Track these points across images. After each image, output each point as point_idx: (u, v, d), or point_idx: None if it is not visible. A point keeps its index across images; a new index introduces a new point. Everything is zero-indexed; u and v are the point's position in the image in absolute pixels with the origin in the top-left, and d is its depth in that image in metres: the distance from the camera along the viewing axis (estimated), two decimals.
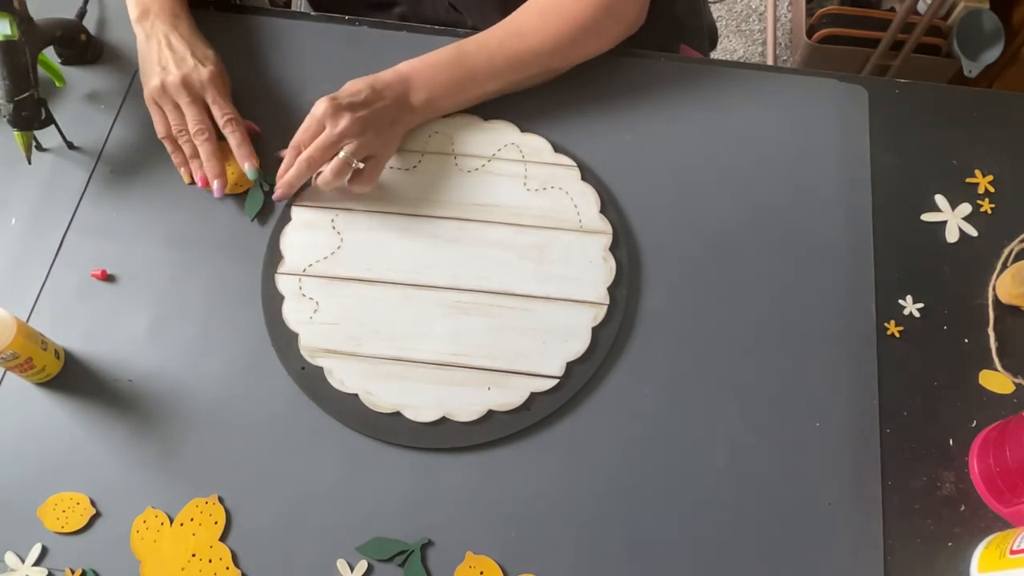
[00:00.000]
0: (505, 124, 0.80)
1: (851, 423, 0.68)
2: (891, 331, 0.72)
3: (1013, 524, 0.65)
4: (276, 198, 0.75)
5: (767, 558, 0.64)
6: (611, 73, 0.83)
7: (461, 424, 0.68)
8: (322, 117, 0.72)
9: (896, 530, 0.65)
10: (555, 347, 0.70)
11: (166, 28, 0.77)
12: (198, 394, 0.70)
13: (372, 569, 0.64)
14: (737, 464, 0.67)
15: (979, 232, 0.76)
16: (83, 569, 0.64)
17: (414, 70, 0.76)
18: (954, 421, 0.69)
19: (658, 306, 0.73)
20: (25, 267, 0.75)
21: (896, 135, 0.81)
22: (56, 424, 0.68)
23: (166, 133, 0.77)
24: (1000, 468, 0.64)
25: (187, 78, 0.75)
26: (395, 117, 0.75)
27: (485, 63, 0.76)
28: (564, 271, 0.73)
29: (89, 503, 0.66)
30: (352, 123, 0.71)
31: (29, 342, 0.65)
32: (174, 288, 0.74)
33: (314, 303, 0.72)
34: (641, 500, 0.66)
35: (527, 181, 0.77)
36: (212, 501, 0.66)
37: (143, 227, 0.76)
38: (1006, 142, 0.81)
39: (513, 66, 0.77)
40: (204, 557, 0.64)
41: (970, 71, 1.58)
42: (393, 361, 0.70)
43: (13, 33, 0.71)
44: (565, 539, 0.65)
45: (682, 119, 0.81)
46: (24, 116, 0.73)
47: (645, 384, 0.70)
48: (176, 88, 0.75)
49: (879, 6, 1.69)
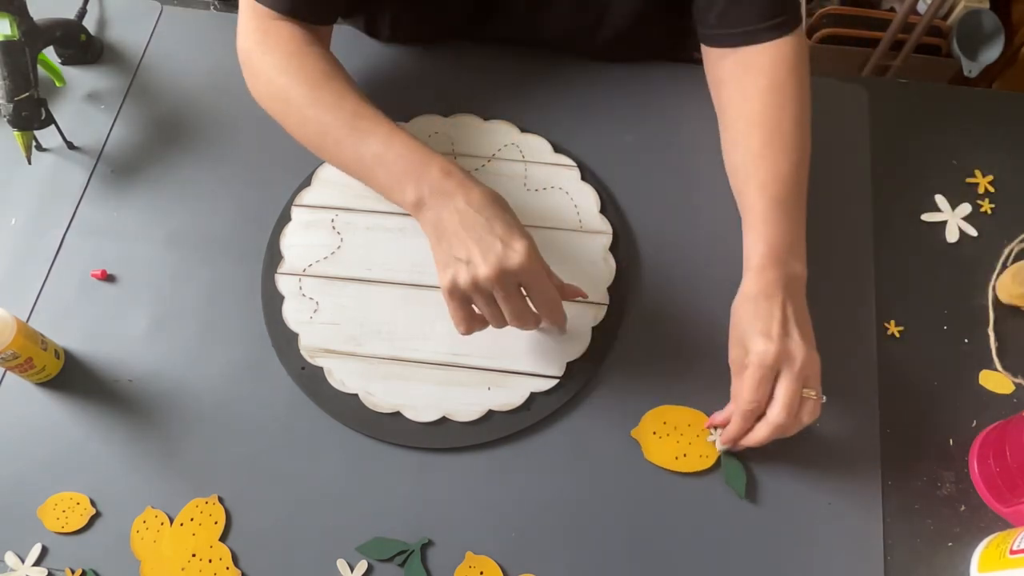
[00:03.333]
0: (505, 124, 0.80)
1: (851, 423, 0.68)
2: (891, 331, 0.72)
3: (1013, 524, 0.65)
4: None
5: (767, 558, 0.64)
6: (611, 74, 0.83)
7: (461, 424, 0.68)
8: (773, 364, 0.61)
9: (896, 530, 0.65)
10: (555, 347, 0.70)
11: None
12: (198, 394, 0.70)
13: (372, 569, 0.64)
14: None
15: (979, 232, 0.76)
16: (83, 569, 0.64)
17: (781, 263, 0.64)
18: (954, 421, 0.69)
19: (658, 306, 0.73)
20: (25, 267, 0.75)
21: (896, 135, 0.81)
22: (56, 424, 0.68)
23: None
24: (1000, 468, 0.64)
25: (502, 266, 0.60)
26: None
27: (797, 193, 0.68)
28: (564, 271, 0.73)
29: (89, 503, 0.66)
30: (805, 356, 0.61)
31: (29, 342, 0.65)
32: (174, 288, 0.74)
33: (314, 303, 0.72)
34: (641, 500, 0.66)
35: (527, 181, 0.77)
36: (212, 501, 0.66)
37: (143, 227, 0.76)
38: (1006, 142, 0.81)
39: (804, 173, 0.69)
40: (204, 557, 0.64)
41: (970, 71, 1.58)
42: (393, 361, 0.70)
43: (13, 33, 0.72)
44: (565, 539, 0.65)
45: (682, 120, 0.81)
46: (24, 116, 0.73)
47: (645, 384, 0.70)
48: (489, 281, 0.60)
49: (879, 6, 1.69)
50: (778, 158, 0.67)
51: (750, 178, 0.68)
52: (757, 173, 0.67)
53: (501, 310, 0.61)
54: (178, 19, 0.87)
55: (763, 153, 0.68)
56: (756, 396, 0.61)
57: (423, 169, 0.63)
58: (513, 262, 0.59)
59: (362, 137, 0.65)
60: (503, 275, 0.59)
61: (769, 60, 0.70)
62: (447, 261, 0.61)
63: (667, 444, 0.67)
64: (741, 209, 0.69)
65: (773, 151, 0.68)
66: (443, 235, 0.61)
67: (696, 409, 0.69)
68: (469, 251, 0.59)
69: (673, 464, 0.67)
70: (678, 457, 0.67)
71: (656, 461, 0.67)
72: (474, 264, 0.59)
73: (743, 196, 0.69)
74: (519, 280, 0.60)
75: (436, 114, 0.81)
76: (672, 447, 0.67)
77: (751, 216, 0.67)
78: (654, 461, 0.67)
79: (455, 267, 0.60)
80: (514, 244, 0.59)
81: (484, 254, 0.59)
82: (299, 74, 0.68)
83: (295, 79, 0.68)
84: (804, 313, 0.64)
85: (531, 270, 0.60)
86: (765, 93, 0.69)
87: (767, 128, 0.68)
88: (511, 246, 0.59)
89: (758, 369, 0.61)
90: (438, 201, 0.62)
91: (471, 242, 0.60)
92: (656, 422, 0.68)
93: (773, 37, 0.70)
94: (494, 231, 0.60)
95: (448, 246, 0.61)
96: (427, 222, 0.63)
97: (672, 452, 0.67)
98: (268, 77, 0.69)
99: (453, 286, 0.60)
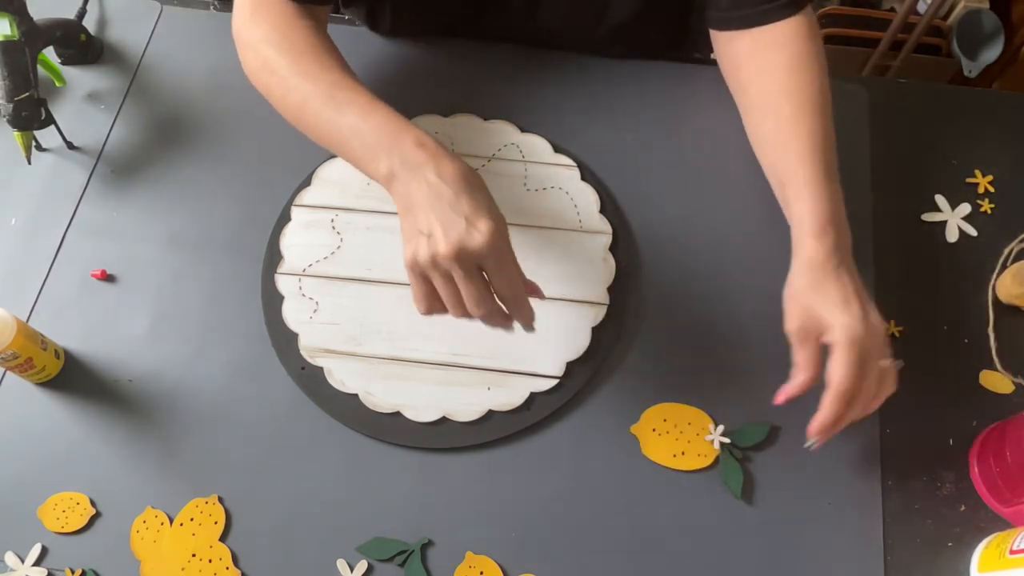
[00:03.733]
0: (505, 124, 0.80)
1: (851, 423, 0.68)
2: (891, 331, 0.72)
3: (1013, 524, 0.65)
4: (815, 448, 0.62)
5: (767, 558, 0.64)
6: (611, 73, 0.83)
7: (461, 424, 0.68)
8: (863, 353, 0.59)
9: (896, 530, 0.65)
10: (555, 347, 0.70)
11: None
12: (198, 394, 0.70)
13: (372, 569, 0.64)
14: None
15: (979, 232, 0.76)
16: (83, 569, 0.64)
17: (837, 228, 0.64)
18: (954, 421, 0.69)
19: (658, 306, 0.73)
20: (25, 267, 0.75)
21: (896, 135, 0.81)
22: (56, 424, 0.68)
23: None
24: (1000, 468, 0.64)
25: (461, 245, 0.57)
26: None
27: (834, 159, 0.67)
28: (564, 271, 0.73)
29: (89, 503, 0.66)
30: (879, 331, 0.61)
31: (29, 342, 0.65)
32: (174, 288, 0.74)
33: (314, 303, 0.72)
34: (641, 500, 0.66)
35: (527, 181, 0.77)
36: (212, 501, 0.66)
37: (143, 227, 0.76)
38: (1006, 142, 0.81)
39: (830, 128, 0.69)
40: (204, 557, 0.64)
41: (970, 71, 1.58)
42: (393, 361, 0.70)
43: (13, 33, 0.72)
44: (565, 539, 0.65)
45: (682, 119, 0.81)
46: (24, 116, 0.73)
47: (645, 384, 0.70)
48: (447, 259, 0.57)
49: (879, 6, 1.69)
50: (813, 125, 0.67)
51: (788, 147, 0.67)
52: (794, 141, 0.66)
53: (461, 294, 0.59)
54: (178, 19, 0.87)
55: (797, 120, 0.67)
56: (856, 376, 0.59)
57: (397, 140, 0.61)
58: (475, 242, 0.56)
59: (340, 108, 0.64)
60: (462, 254, 0.56)
61: (786, 36, 0.70)
62: (411, 234, 0.59)
63: (666, 441, 0.67)
64: (780, 179, 0.68)
65: (806, 118, 0.67)
66: (410, 208, 0.59)
67: (696, 407, 0.69)
68: (431, 225, 0.57)
69: (671, 461, 0.67)
70: (676, 455, 0.67)
71: (654, 458, 0.67)
72: (435, 239, 0.57)
73: (781, 165, 0.67)
74: (480, 262, 0.57)
75: (436, 114, 0.81)
76: (671, 444, 0.67)
77: (796, 184, 0.65)
78: (652, 458, 0.67)
79: (417, 240, 0.58)
80: (479, 224, 0.57)
81: (446, 230, 0.56)
82: (284, 45, 0.67)
83: (280, 50, 0.67)
84: (859, 279, 0.63)
85: (493, 253, 0.57)
86: (788, 66, 0.69)
87: (796, 97, 0.68)
88: (475, 225, 0.57)
89: (852, 348, 0.58)
90: (409, 173, 0.60)
91: (435, 216, 0.57)
92: (656, 419, 0.68)
93: (787, 15, 0.70)
94: (460, 208, 0.57)
95: (414, 219, 0.58)
96: (397, 195, 0.61)
97: (670, 449, 0.67)
98: (256, 50, 0.69)
99: (413, 261, 0.58)
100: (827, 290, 0.61)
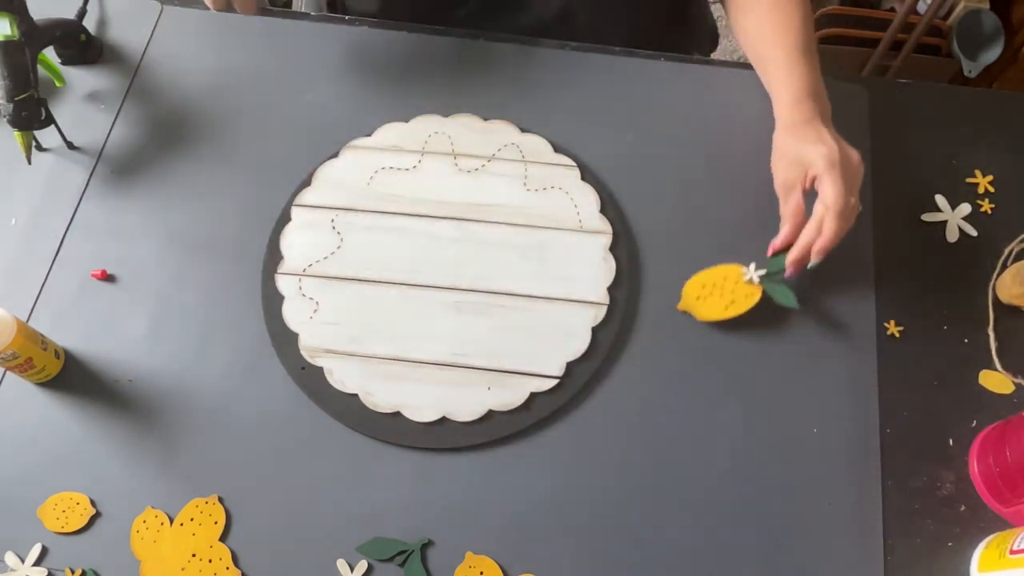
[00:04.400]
0: (505, 124, 0.80)
1: (851, 423, 0.68)
2: (891, 331, 0.72)
3: (1013, 524, 0.65)
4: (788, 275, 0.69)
5: (768, 558, 0.64)
6: (611, 73, 0.83)
7: (461, 424, 0.68)
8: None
9: (896, 530, 0.65)
10: (555, 347, 0.70)
11: None
12: (198, 394, 0.70)
13: (372, 569, 0.64)
14: (737, 464, 0.67)
15: (979, 232, 0.76)
16: (83, 569, 0.64)
17: (813, 98, 0.70)
18: (954, 421, 0.69)
19: (658, 306, 0.73)
20: (25, 267, 0.75)
21: (896, 135, 0.81)
22: (56, 424, 0.68)
23: None
24: (1000, 468, 0.64)
25: None
26: None
27: (812, 42, 0.74)
28: (564, 271, 0.73)
29: (89, 503, 0.66)
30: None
31: (29, 342, 0.65)
32: (174, 288, 0.74)
33: (314, 303, 0.72)
34: (641, 500, 0.66)
35: (527, 181, 0.77)
36: (212, 501, 0.66)
37: (143, 227, 0.76)
38: (1006, 142, 0.81)
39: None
40: (204, 557, 0.64)
41: (970, 71, 1.58)
42: (393, 361, 0.70)
43: (13, 33, 0.71)
44: (565, 539, 0.65)
45: (682, 119, 0.81)
46: (24, 116, 0.73)
47: (645, 384, 0.70)
48: None
49: (879, 6, 1.69)
50: (790, 13, 0.73)
51: (766, 35, 0.74)
52: (772, 29, 0.73)
53: None
54: (178, 19, 0.87)
55: (774, 8, 0.74)
56: (844, 192, 0.64)
57: None
58: None
59: None
60: None
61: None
62: None
63: (712, 301, 0.71)
64: (762, 65, 0.75)
65: (782, 9, 0.73)
66: None
67: (727, 263, 0.71)
68: None
69: (725, 313, 0.70)
70: (727, 307, 0.70)
71: (710, 318, 0.71)
72: None
73: (760, 50, 0.74)
74: None
75: (436, 114, 0.81)
76: (718, 301, 0.71)
77: (773, 66, 0.72)
78: (707, 319, 0.71)
79: None
80: None
81: None
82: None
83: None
84: (838, 136, 0.68)
85: None
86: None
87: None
88: None
89: (832, 168, 0.64)
90: None
91: None
92: (695, 288, 0.72)
93: None
94: None
95: None
96: None
97: (721, 305, 0.71)
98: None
99: None
100: (803, 134, 0.68)
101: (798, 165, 0.67)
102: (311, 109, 0.82)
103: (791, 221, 0.67)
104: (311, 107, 0.82)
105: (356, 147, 0.79)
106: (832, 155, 0.64)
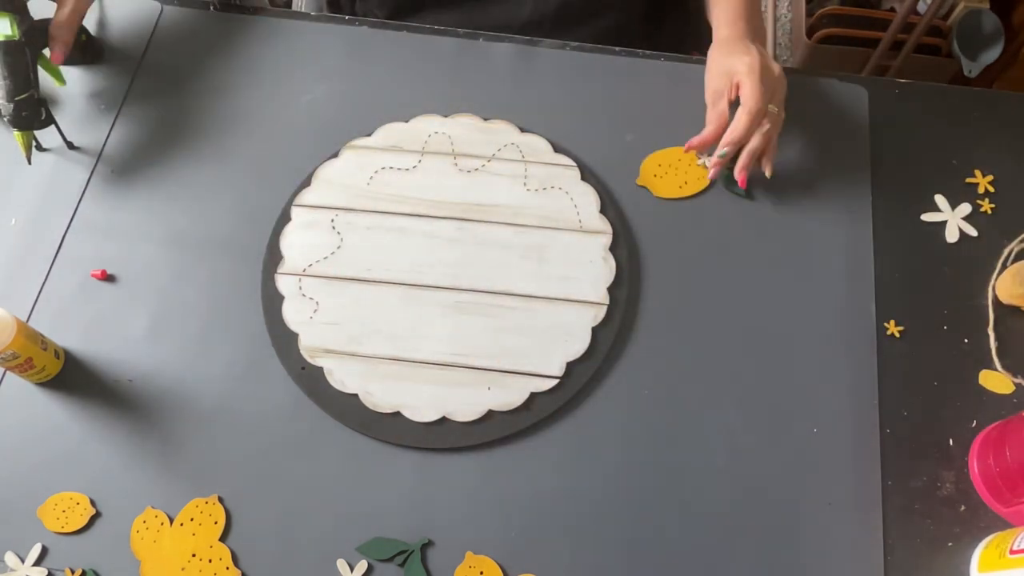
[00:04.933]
0: (505, 124, 0.80)
1: (851, 423, 0.68)
2: (891, 331, 0.72)
3: (1013, 524, 0.65)
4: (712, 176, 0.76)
5: (767, 558, 0.64)
6: (611, 73, 0.83)
7: (461, 424, 0.68)
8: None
9: (896, 530, 0.65)
10: (555, 347, 0.70)
11: None
12: (198, 394, 0.70)
13: (372, 569, 0.64)
14: (737, 464, 0.67)
15: (979, 232, 0.76)
16: (83, 569, 0.64)
17: (748, 23, 0.77)
18: (954, 421, 0.69)
19: (658, 306, 0.73)
20: (25, 267, 0.75)
21: (896, 135, 0.81)
22: (56, 424, 0.68)
23: None
24: (1000, 468, 0.64)
25: None
26: None
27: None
28: (564, 271, 0.73)
29: (89, 503, 0.66)
30: None
31: (29, 342, 0.65)
32: (174, 288, 0.74)
33: (314, 303, 0.72)
34: (641, 500, 0.66)
35: (527, 181, 0.77)
36: (212, 501, 0.66)
37: (143, 227, 0.76)
38: (1006, 142, 0.81)
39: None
40: (204, 557, 0.64)
41: (970, 71, 1.58)
42: (393, 361, 0.70)
43: (13, 33, 0.72)
44: (565, 539, 0.65)
45: (682, 119, 0.81)
46: (24, 116, 0.73)
47: (645, 384, 0.70)
48: None
49: (879, 6, 1.69)
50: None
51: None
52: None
53: None
54: (178, 19, 0.87)
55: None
56: (761, 93, 0.70)
57: None
58: None
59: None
60: None
61: None
62: None
63: (669, 180, 0.77)
64: (709, 4, 0.80)
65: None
66: None
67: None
68: None
69: (679, 192, 0.77)
70: (681, 186, 0.77)
71: (665, 195, 0.77)
72: None
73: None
74: None
75: (436, 114, 0.81)
76: (674, 179, 0.77)
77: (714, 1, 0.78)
78: (663, 196, 0.77)
79: None
80: None
81: None
82: None
83: None
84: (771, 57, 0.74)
85: None
86: None
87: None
88: None
89: (752, 73, 0.70)
90: None
91: None
92: (652, 166, 0.78)
93: None
94: None
95: None
96: None
97: (675, 183, 0.77)
98: None
99: None
100: (733, 48, 0.74)
101: (725, 75, 0.73)
102: (311, 109, 0.82)
103: (713, 124, 0.73)
104: (311, 107, 0.82)
105: (356, 147, 0.79)
106: (754, 63, 0.71)
